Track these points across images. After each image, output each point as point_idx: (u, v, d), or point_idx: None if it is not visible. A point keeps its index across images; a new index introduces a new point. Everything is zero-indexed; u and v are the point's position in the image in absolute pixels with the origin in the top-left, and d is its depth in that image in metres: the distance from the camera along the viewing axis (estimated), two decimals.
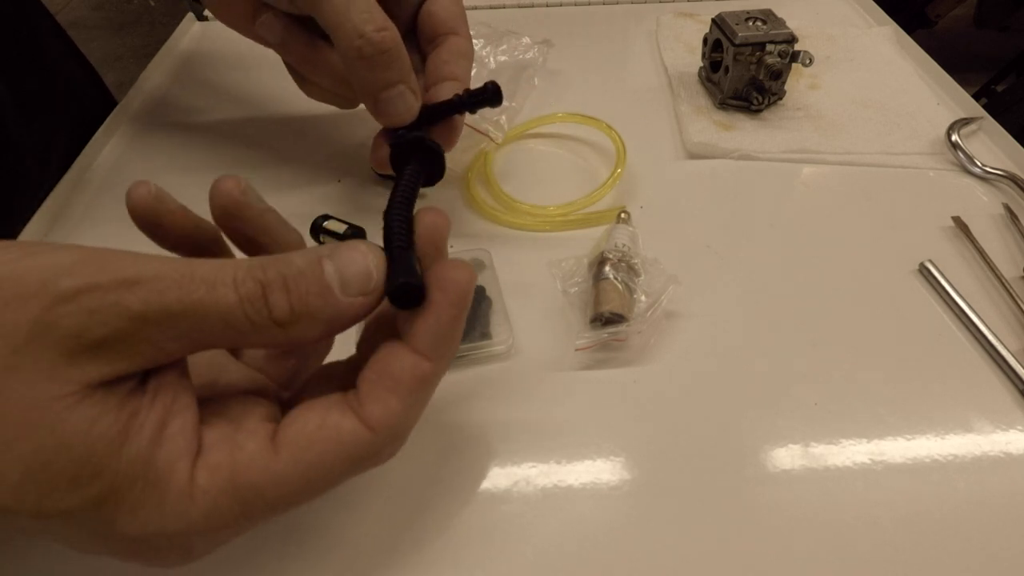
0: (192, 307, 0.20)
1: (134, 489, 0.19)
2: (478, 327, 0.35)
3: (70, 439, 0.18)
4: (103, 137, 0.49)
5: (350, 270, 0.22)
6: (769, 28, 0.47)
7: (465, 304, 0.23)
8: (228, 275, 0.20)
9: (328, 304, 0.21)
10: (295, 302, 0.21)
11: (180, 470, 0.20)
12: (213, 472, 0.20)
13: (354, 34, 0.31)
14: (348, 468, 0.22)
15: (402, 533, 0.28)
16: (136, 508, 0.19)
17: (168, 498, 0.20)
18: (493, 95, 0.35)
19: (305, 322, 0.21)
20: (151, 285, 0.19)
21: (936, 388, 0.34)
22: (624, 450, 0.31)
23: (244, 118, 0.51)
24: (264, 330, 0.21)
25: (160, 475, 0.20)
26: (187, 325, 0.20)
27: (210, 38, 0.61)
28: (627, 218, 0.40)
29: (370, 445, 0.22)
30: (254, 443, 0.21)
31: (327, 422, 0.22)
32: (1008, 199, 0.43)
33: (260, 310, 0.20)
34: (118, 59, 2.24)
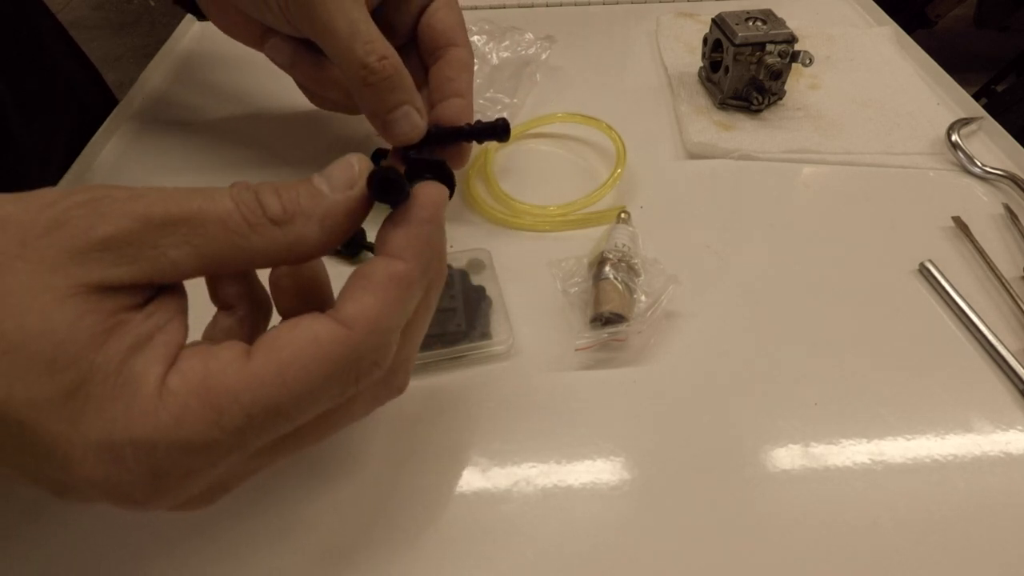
0: (192, 212, 0.21)
1: (105, 385, 0.19)
2: (478, 327, 0.35)
3: (54, 325, 0.19)
4: (103, 137, 0.49)
5: (334, 172, 0.23)
6: (769, 28, 0.47)
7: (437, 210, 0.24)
8: (225, 190, 0.22)
9: (317, 202, 0.23)
10: (286, 201, 0.22)
11: (152, 373, 0.20)
12: (185, 375, 0.20)
13: (357, 64, 0.33)
14: (327, 369, 0.21)
15: (402, 533, 0.28)
16: (104, 405, 0.19)
17: (137, 398, 0.19)
18: (502, 131, 0.36)
19: (300, 220, 0.22)
20: (155, 195, 0.21)
21: (936, 388, 0.34)
22: (624, 450, 0.31)
23: (244, 118, 0.51)
24: (261, 229, 0.21)
25: (133, 376, 0.20)
26: (188, 229, 0.21)
27: (210, 38, 0.61)
28: (627, 218, 0.40)
29: (347, 343, 0.21)
30: (227, 352, 0.21)
31: (300, 324, 0.21)
32: (1008, 199, 0.43)
33: (254, 209, 0.21)
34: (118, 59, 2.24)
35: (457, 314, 0.34)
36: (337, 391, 0.22)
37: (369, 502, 0.29)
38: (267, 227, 0.22)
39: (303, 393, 0.21)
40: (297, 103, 0.52)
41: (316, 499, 0.29)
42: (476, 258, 0.38)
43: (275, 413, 0.21)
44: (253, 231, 0.21)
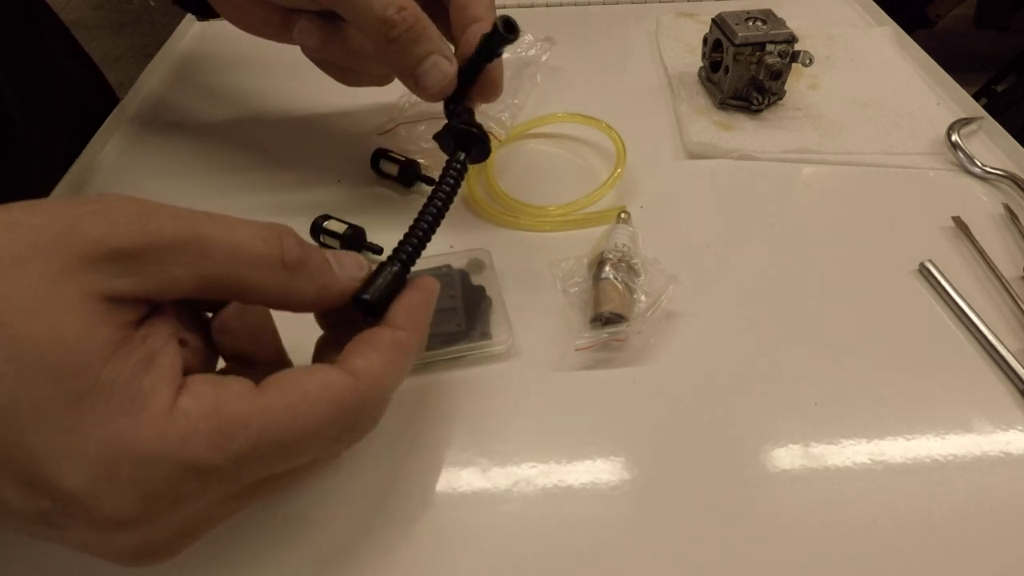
0: (204, 235, 0.21)
1: (112, 399, 0.19)
2: (478, 327, 0.35)
3: (64, 332, 0.19)
4: (103, 137, 0.49)
5: (346, 257, 0.26)
6: (769, 28, 0.47)
7: (431, 294, 0.27)
8: (244, 222, 0.22)
9: (326, 270, 0.24)
10: (303, 253, 0.23)
11: (163, 392, 0.20)
12: (198, 398, 0.20)
13: (378, 21, 0.33)
14: (334, 413, 0.22)
15: (402, 533, 0.28)
16: (109, 418, 0.19)
17: (146, 414, 0.19)
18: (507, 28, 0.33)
19: (305, 275, 0.23)
20: (170, 212, 0.21)
21: (936, 388, 0.34)
22: (624, 450, 0.31)
23: (244, 118, 0.51)
24: (269, 268, 0.22)
25: (143, 393, 0.20)
26: (195, 251, 0.21)
27: (210, 38, 0.61)
28: (627, 218, 0.40)
29: (355, 392, 0.23)
30: (239, 384, 0.21)
31: (313, 370, 0.23)
32: (1008, 199, 0.43)
33: (274, 248, 0.22)
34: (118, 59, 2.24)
35: (457, 314, 0.34)
36: (335, 435, 0.23)
37: (369, 502, 0.29)
38: (277, 268, 0.23)
39: (308, 431, 0.22)
40: (297, 103, 0.52)
41: (315, 499, 0.29)
42: (476, 258, 0.38)
43: (278, 447, 0.21)
44: (262, 266, 0.22)
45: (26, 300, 0.19)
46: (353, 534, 0.28)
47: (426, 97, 0.35)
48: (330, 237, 0.39)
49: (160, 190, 0.45)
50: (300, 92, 0.52)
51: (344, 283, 0.25)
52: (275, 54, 0.41)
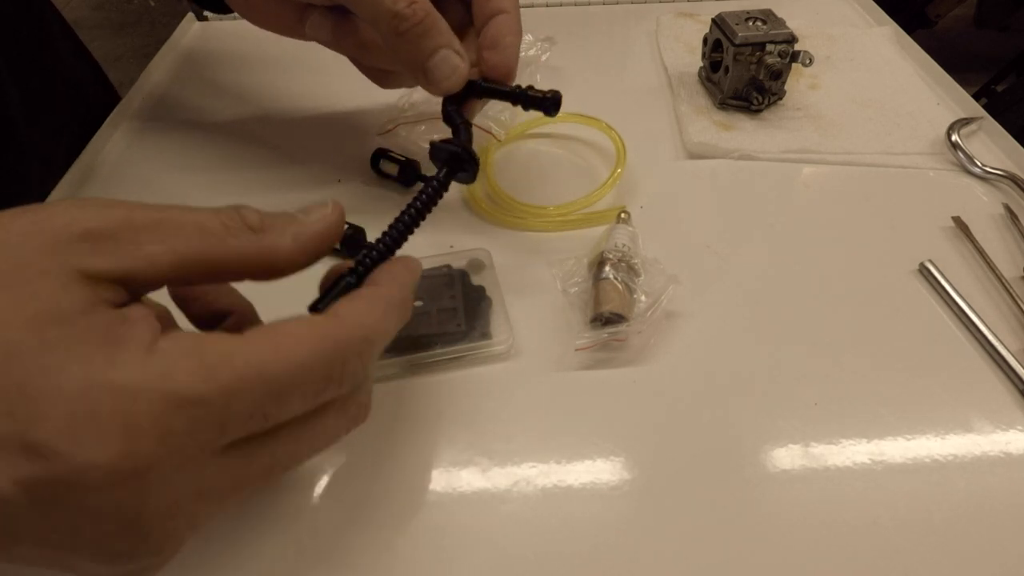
0: (171, 216, 0.22)
1: (88, 342, 0.19)
2: (478, 327, 0.35)
3: (40, 289, 0.19)
4: (104, 136, 0.49)
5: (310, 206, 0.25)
6: (769, 28, 0.47)
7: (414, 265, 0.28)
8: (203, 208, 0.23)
9: (291, 220, 0.24)
10: (263, 216, 0.24)
11: (140, 336, 0.20)
12: (177, 339, 0.20)
13: (387, 15, 0.33)
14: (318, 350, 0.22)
15: (402, 533, 0.28)
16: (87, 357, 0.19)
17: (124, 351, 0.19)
18: (551, 105, 0.35)
19: (275, 231, 0.24)
20: (135, 203, 0.22)
21: (936, 388, 0.34)
22: (624, 450, 0.31)
23: (244, 118, 0.51)
24: (237, 232, 0.23)
25: (119, 336, 0.20)
26: (166, 229, 0.22)
27: (210, 38, 0.61)
28: (627, 218, 0.40)
29: (338, 332, 0.23)
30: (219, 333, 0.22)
31: (296, 318, 0.23)
32: (1008, 199, 0.43)
33: (233, 217, 0.23)
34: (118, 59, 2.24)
35: (457, 314, 0.34)
36: (324, 375, 0.22)
37: (369, 502, 0.29)
38: (243, 231, 0.23)
39: (294, 366, 0.21)
40: (297, 103, 0.52)
41: (315, 498, 0.29)
42: (476, 258, 0.38)
43: (265, 381, 0.20)
44: (229, 233, 0.23)
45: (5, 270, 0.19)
46: (353, 534, 0.28)
47: (436, 91, 0.35)
48: None
49: (161, 188, 0.45)
50: (300, 92, 0.52)
51: (315, 224, 0.25)
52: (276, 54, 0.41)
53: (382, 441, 0.31)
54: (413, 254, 0.37)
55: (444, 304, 0.35)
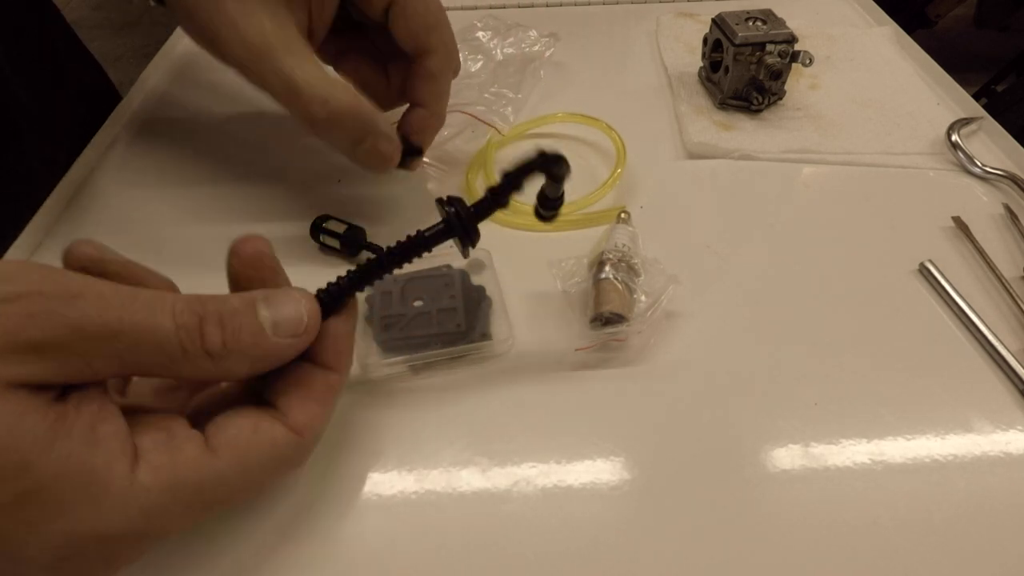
0: (130, 328, 0.20)
1: (65, 489, 0.19)
2: (478, 327, 0.35)
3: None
4: (105, 136, 0.49)
5: (282, 314, 0.24)
6: (769, 28, 0.47)
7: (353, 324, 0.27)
8: (168, 304, 0.22)
9: (258, 343, 0.23)
10: (228, 337, 0.22)
11: (119, 470, 0.20)
12: (156, 471, 0.21)
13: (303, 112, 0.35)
14: (278, 468, 0.24)
15: (402, 533, 0.28)
16: (68, 507, 0.19)
17: (107, 497, 0.20)
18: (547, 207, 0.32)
19: (235, 357, 0.23)
20: (94, 301, 0.20)
21: (936, 388, 0.34)
22: (624, 450, 0.31)
23: (244, 119, 0.51)
24: (195, 359, 0.22)
25: (98, 476, 0.19)
26: (122, 345, 0.20)
27: None
28: (627, 218, 0.40)
29: (298, 447, 0.24)
30: (192, 446, 0.22)
31: (260, 428, 0.23)
32: (1008, 199, 0.43)
33: (194, 340, 0.22)
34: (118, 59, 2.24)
35: (457, 314, 0.34)
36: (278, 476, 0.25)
37: (369, 502, 0.29)
38: (201, 358, 0.22)
39: (254, 488, 0.24)
40: None
41: (315, 499, 0.29)
42: (476, 258, 0.38)
43: (225, 504, 0.23)
44: (185, 359, 0.22)
45: None
46: (353, 534, 0.28)
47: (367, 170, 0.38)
48: (330, 237, 0.39)
49: (160, 188, 0.45)
50: None
51: (280, 348, 0.24)
52: None
53: (382, 441, 0.31)
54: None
55: (444, 304, 0.35)
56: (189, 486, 0.21)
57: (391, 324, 0.34)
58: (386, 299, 0.35)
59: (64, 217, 0.43)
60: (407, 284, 0.35)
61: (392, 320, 0.34)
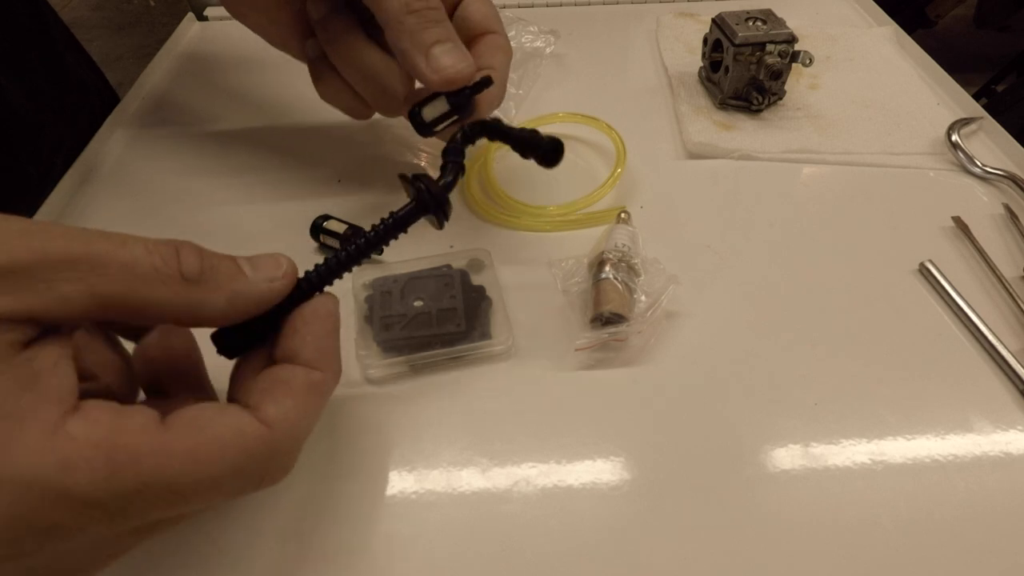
0: (95, 252, 0.19)
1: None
2: (478, 327, 0.35)
3: None
4: (103, 137, 0.49)
5: (261, 258, 0.23)
6: (769, 28, 0.47)
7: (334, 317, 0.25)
8: (141, 239, 0.21)
9: (236, 277, 0.22)
10: (205, 264, 0.22)
11: (45, 415, 0.18)
12: (90, 423, 0.19)
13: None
14: (241, 463, 0.21)
15: (402, 533, 0.28)
16: None
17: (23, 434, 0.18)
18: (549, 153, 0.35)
19: (211, 286, 0.22)
20: (58, 231, 0.19)
21: (936, 388, 0.34)
22: (624, 450, 0.31)
23: (244, 119, 0.51)
24: (168, 282, 0.21)
25: (20, 412, 0.18)
26: (87, 267, 0.19)
27: (210, 38, 0.61)
28: (627, 218, 0.40)
29: (266, 442, 0.21)
30: (143, 416, 0.20)
31: (226, 412, 0.21)
32: (1008, 199, 0.43)
33: (170, 262, 0.21)
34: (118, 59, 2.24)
35: (457, 314, 0.34)
36: (239, 487, 0.21)
37: (369, 502, 0.29)
38: (176, 281, 0.21)
39: (206, 480, 0.20)
40: (297, 104, 0.52)
41: (315, 500, 0.29)
42: (476, 258, 0.38)
43: (170, 491, 0.19)
44: (158, 279, 0.21)
45: None
46: (352, 534, 0.28)
47: (433, 80, 0.33)
48: (330, 237, 0.39)
49: (160, 189, 0.45)
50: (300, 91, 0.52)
51: (259, 287, 0.23)
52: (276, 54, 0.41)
53: (381, 441, 0.31)
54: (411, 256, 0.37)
55: (444, 304, 0.35)
56: (124, 451, 0.18)
57: (391, 324, 0.34)
58: (386, 299, 0.35)
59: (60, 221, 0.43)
60: (407, 284, 0.35)
61: (392, 320, 0.34)
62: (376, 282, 0.35)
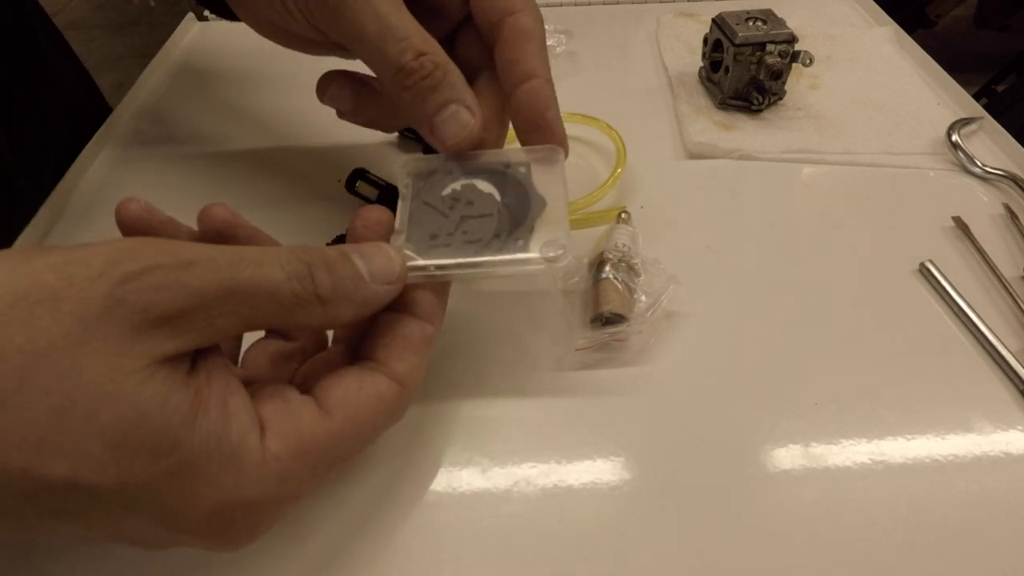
0: (243, 283, 0.22)
1: (211, 463, 0.21)
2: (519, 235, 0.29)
3: (148, 411, 0.19)
4: (92, 151, 0.48)
5: (375, 263, 0.25)
6: (769, 28, 0.47)
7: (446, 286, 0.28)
8: (274, 257, 0.23)
9: (359, 288, 0.25)
10: (336, 281, 0.24)
11: (252, 442, 0.22)
12: (283, 440, 0.22)
13: (393, 68, 0.30)
14: (385, 420, 0.25)
15: (402, 533, 0.28)
16: (214, 480, 0.21)
17: (245, 468, 0.21)
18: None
19: (341, 302, 0.24)
20: (207, 265, 0.21)
21: (936, 388, 0.34)
22: (624, 450, 0.31)
23: (244, 119, 0.51)
24: (307, 306, 0.23)
25: (235, 449, 0.21)
26: (237, 300, 0.22)
27: (210, 39, 0.61)
28: (627, 218, 0.40)
29: (400, 397, 0.25)
30: (309, 411, 0.23)
31: (365, 384, 0.25)
32: (1008, 199, 0.43)
33: (307, 286, 0.23)
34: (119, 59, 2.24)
35: (495, 220, 0.29)
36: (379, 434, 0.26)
37: (368, 502, 0.29)
38: (314, 305, 0.23)
39: (364, 440, 0.25)
40: (296, 104, 0.52)
41: (313, 500, 0.29)
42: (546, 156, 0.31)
43: (347, 458, 0.25)
44: (299, 306, 0.23)
45: (101, 385, 0.19)
46: (352, 534, 0.28)
47: (443, 149, 0.31)
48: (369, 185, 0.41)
49: (154, 201, 0.45)
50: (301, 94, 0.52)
51: (379, 295, 0.26)
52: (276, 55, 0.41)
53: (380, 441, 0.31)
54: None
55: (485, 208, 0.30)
56: (314, 450, 0.23)
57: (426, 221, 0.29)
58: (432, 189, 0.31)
59: (53, 233, 0.43)
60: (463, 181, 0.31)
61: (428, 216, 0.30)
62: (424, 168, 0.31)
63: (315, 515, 0.29)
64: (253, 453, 0.22)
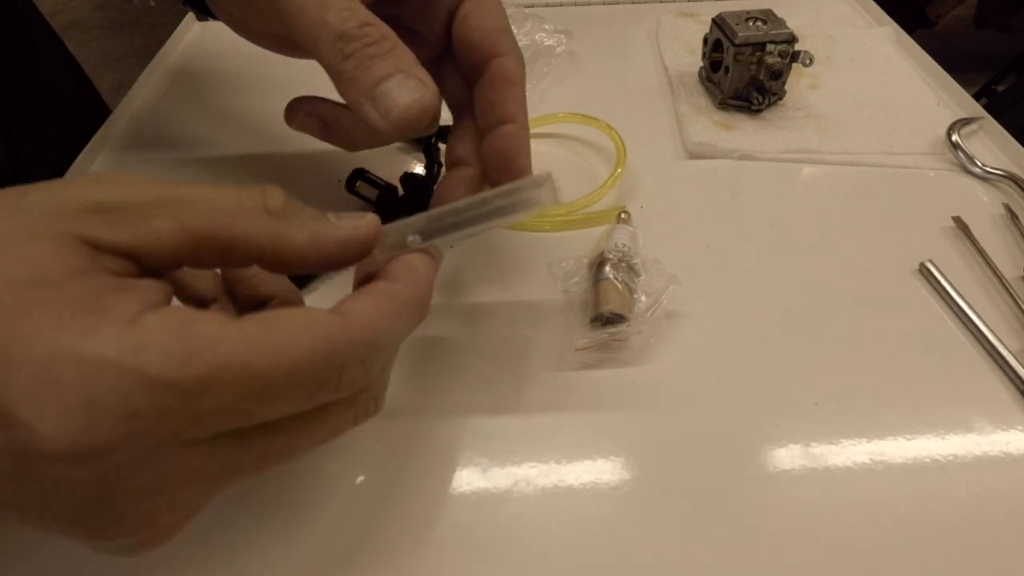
0: (186, 193, 0.21)
1: (66, 308, 0.18)
2: None
3: (33, 252, 0.18)
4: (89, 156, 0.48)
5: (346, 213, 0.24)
6: (769, 28, 0.47)
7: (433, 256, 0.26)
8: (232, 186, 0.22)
9: (317, 218, 0.23)
10: (290, 204, 0.22)
11: (127, 306, 0.19)
12: (164, 314, 0.19)
13: (333, 37, 0.27)
14: (317, 349, 0.20)
15: (402, 534, 0.28)
16: (61, 324, 0.18)
17: (101, 321, 0.18)
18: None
19: (294, 222, 0.22)
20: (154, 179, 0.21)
21: (936, 388, 0.34)
22: (624, 450, 0.31)
23: (244, 120, 0.51)
24: (253, 213, 0.22)
25: (102, 304, 0.18)
26: (180, 206, 0.21)
27: (210, 39, 0.61)
28: (627, 218, 0.40)
29: (341, 331, 0.21)
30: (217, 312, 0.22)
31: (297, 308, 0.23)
32: (1008, 199, 0.43)
33: (255, 196, 0.22)
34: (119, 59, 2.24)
35: None
36: (319, 380, 0.21)
37: (368, 502, 0.29)
38: (259, 213, 0.22)
39: (285, 367, 0.19)
40: None
41: (314, 500, 0.29)
42: None
43: (250, 377, 0.19)
44: (243, 212, 0.21)
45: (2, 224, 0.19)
46: (352, 534, 0.28)
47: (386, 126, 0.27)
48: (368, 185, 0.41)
49: None
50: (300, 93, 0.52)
51: (340, 230, 0.23)
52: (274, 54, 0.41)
53: (380, 441, 0.31)
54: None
55: None
56: (198, 335, 0.18)
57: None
58: None
59: None
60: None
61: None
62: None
63: (314, 514, 0.29)
64: (119, 313, 0.18)
